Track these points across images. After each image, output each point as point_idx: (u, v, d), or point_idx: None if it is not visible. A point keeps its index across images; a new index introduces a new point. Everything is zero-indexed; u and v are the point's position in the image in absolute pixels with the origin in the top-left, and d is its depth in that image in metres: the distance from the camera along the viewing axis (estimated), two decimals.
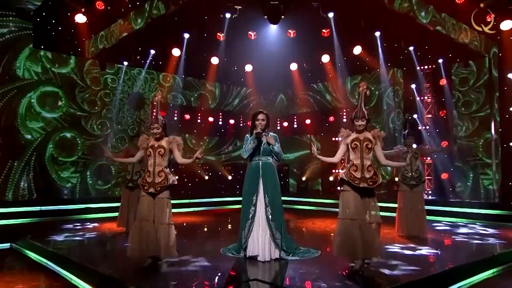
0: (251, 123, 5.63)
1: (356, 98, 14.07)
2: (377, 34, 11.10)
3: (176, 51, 12.39)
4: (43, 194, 11.32)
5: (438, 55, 11.86)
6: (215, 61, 13.11)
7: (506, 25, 9.58)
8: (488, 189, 11.61)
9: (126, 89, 13.29)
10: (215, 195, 13.56)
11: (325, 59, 12.96)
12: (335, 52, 11.98)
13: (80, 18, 10.68)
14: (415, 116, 12.32)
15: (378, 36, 11.16)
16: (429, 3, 9.74)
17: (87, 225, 9.00)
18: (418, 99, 12.54)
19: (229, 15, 10.37)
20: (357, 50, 11.96)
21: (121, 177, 7.58)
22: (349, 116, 5.30)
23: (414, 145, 8.01)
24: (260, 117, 5.57)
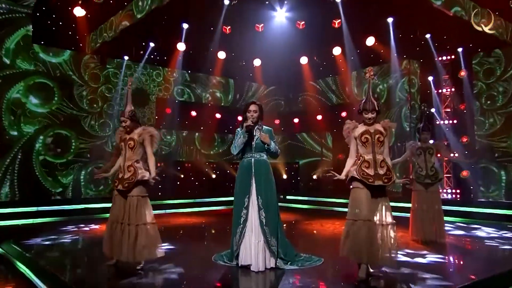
0: (243, 116, 4.90)
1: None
2: (390, 20, 10.16)
3: (181, 46, 11.79)
4: (28, 197, 10.37)
5: (457, 43, 10.77)
6: (222, 55, 12.49)
7: None
8: None
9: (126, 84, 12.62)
10: (222, 195, 12.81)
11: (337, 51, 12.12)
12: (345, 43, 11.11)
13: (78, 11, 10.12)
14: (433, 110, 11.36)
15: (390, 23, 10.21)
16: None
17: (82, 227, 8.42)
18: (434, 92, 11.49)
19: (227, 2, 9.63)
20: (370, 41, 11.11)
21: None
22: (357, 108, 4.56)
23: (431, 141, 7.16)
24: (252, 108, 4.83)
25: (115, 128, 9.27)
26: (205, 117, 13.98)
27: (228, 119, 13.89)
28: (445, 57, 11.49)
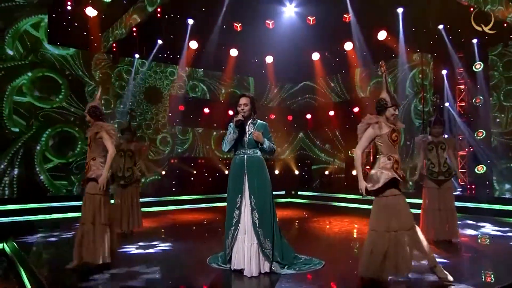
0: (234, 110, 4.38)
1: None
2: (400, 10, 9.44)
3: (193, 44, 11.41)
4: (28, 197, 9.77)
5: (472, 34, 9.84)
6: (234, 53, 12.04)
7: None
8: None
9: (139, 82, 12.30)
10: None
11: (348, 46, 11.46)
12: (355, 37, 10.49)
13: (90, 11, 9.82)
14: (447, 104, 10.58)
15: (400, 13, 9.48)
16: None
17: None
18: (447, 85, 10.66)
19: None
20: (382, 35, 10.43)
21: (114, 175, 6.55)
22: (378, 103, 3.93)
23: (445, 135, 6.48)
24: (242, 101, 4.29)
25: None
26: (220, 115, 13.55)
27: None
28: (459, 49, 10.61)
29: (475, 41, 9.97)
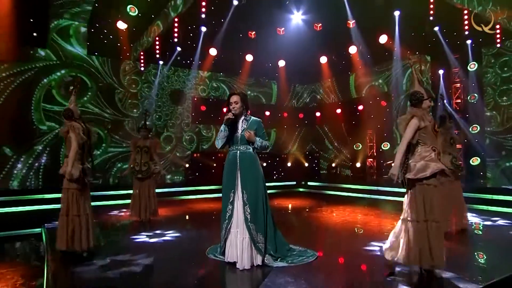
0: (227, 108, 4.06)
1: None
2: (396, 13, 8.96)
3: (212, 51, 11.26)
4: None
5: (468, 36, 9.18)
6: (250, 58, 11.87)
7: None
8: None
9: (164, 86, 12.15)
10: None
11: (353, 50, 11.05)
12: (357, 42, 10.08)
13: (121, 24, 9.81)
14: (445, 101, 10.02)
15: (397, 16, 9.00)
16: None
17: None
18: (442, 84, 10.11)
19: (236, 3, 8.89)
20: (383, 39, 10.00)
21: (131, 169, 6.50)
22: (414, 96, 3.56)
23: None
24: (233, 99, 3.97)
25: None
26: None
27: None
28: (455, 50, 10.02)
29: (469, 42, 9.41)
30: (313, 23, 10.00)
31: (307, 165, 13.35)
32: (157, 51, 10.53)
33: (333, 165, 13.19)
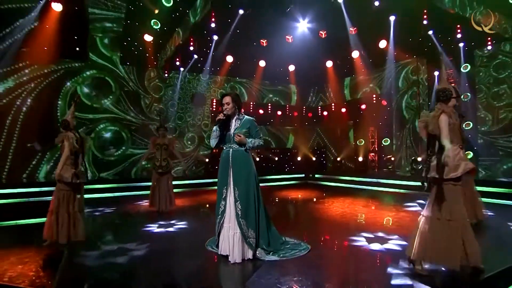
0: (220, 108, 3.86)
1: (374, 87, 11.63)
2: (392, 18, 8.60)
3: (229, 58, 11.20)
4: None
5: (459, 38, 8.81)
6: (263, 63, 11.87)
7: None
8: None
9: (185, 90, 12.07)
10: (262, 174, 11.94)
11: (355, 54, 10.75)
12: (358, 47, 9.79)
13: (147, 37, 9.91)
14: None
15: (392, 20, 8.65)
16: None
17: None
18: (436, 86, 9.56)
19: (241, 11, 8.76)
20: (383, 44, 9.72)
21: (151, 164, 6.57)
22: (443, 93, 3.10)
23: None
24: (225, 100, 3.75)
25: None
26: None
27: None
28: (449, 52, 9.50)
29: (461, 45, 8.92)
30: (318, 31, 9.84)
31: (314, 159, 13.12)
32: (177, 60, 10.56)
33: (338, 159, 12.90)
